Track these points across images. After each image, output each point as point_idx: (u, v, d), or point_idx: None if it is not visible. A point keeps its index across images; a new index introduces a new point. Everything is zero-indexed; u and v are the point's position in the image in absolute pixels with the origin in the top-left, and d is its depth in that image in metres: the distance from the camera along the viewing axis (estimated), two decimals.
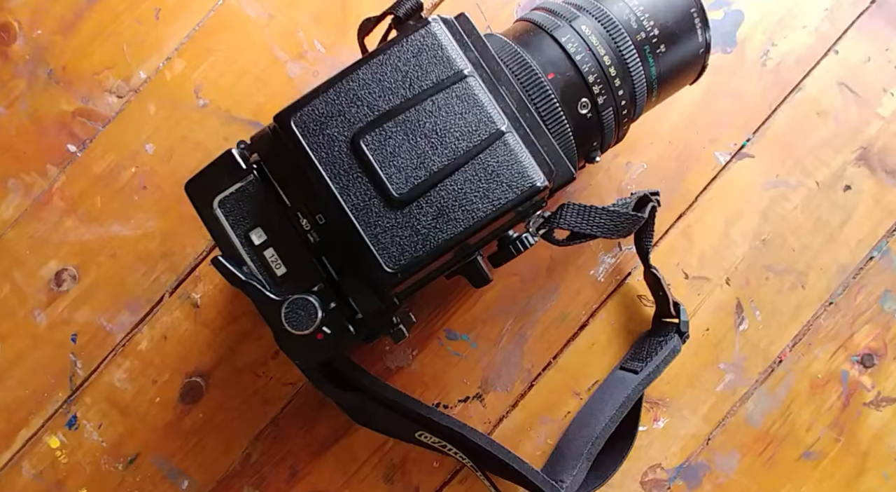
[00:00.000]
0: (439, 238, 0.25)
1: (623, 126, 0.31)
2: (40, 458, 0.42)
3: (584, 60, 0.28)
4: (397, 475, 0.42)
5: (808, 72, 0.42)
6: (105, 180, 0.41)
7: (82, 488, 0.42)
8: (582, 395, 0.43)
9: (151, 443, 0.42)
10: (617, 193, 0.42)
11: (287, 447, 0.42)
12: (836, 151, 0.43)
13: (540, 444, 0.43)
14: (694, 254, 0.43)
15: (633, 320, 0.43)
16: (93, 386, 0.42)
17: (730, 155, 0.43)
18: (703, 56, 0.31)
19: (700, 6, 0.30)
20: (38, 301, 0.41)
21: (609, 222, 0.28)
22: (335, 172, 0.25)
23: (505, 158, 0.25)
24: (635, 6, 0.29)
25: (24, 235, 0.41)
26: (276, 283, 0.27)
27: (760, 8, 0.42)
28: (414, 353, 0.42)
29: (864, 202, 0.43)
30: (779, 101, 0.42)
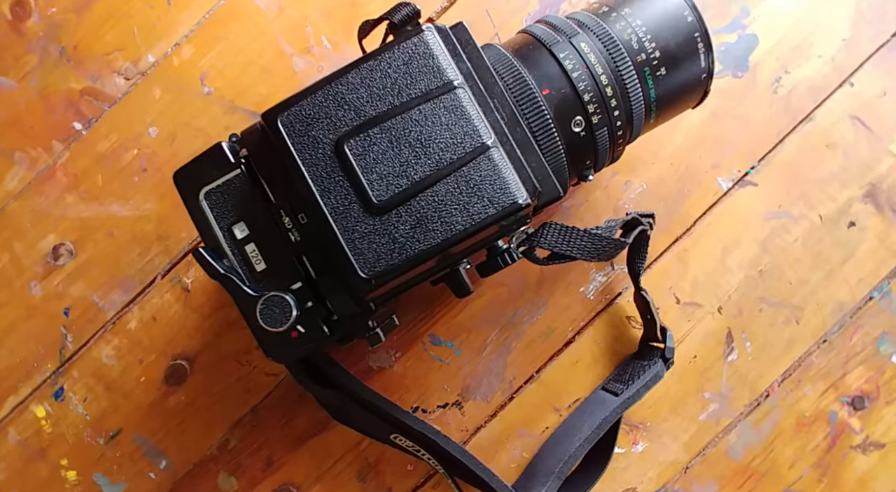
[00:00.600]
0: (416, 248, 0.25)
1: (618, 146, 0.31)
2: (26, 425, 0.43)
3: (581, 78, 0.28)
4: (371, 475, 0.43)
5: (821, 102, 0.41)
6: (107, 160, 0.42)
7: (63, 458, 0.43)
8: (562, 411, 0.42)
9: (133, 420, 0.43)
10: (613, 211, 0.42)
11: (265, 437, 0.43)
12: (843, 185, 0.42)
13: (515, 457, 0.42)
14: (687, 279, 0.42)
15: (620, 341, 0.43)
16: (81, 360, 0.43)
17: (732, 181, 0.42)
18: (705, 82, 0.31)
19: (704, 31, 0.29)
20: (34, 273, 0.42)
21: (590, 245, 0.28)
22: (317, 174, 0.25)
23: (488, 173, 0.25)
24: (638, 27, 0.29)
25: (26, 208, 0.42)
26: (255, 278, 0.28)
27: (776, 34, 0.41)
28: (397, 355, 0.42)
29: (867, 240, 0.42)
30: (787, 130, 0.42)
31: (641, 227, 0.33)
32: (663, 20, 0.29)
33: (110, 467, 0.42)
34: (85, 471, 0.43)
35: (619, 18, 0.29)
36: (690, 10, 0.29)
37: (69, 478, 0.42)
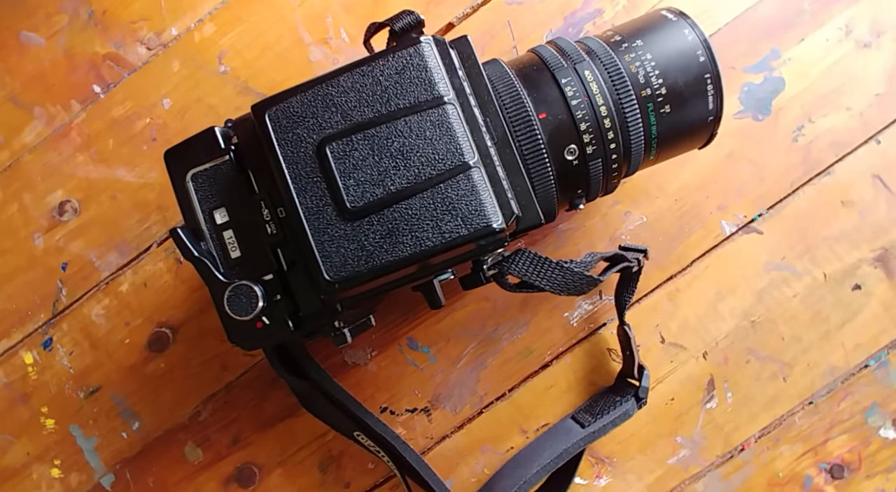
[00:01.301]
0: (383, 259, 0.24)
1: (613, 179, 0.30)
2: (14, 369, 0.44)
3: (580, 106, 0.27)
4: (332, 467, 0.43)
5: (843, 157, 0.40)
6: (120, 126, 0.43)
7: (44, 406, 0.44)
8: (529, 434, 0.42)
9: (113, 380, 0.44)
10: (609, 240, 0.41)
11: (235, 414, 0.44)
12: (854, 246, 0.40)
13: (476, 471, 0.42)
14: (676, 319, 0.41)
15: (598, 372, 0.42)
16: (72, 315, 0.44)
17: (737, 226, 0.40)
18: (711, 125, 0.30)
19: (716, 73, 0.28)
20: (39, 225, 0.44)
21: (560, 279, 0.27)
22: (296, 172, 0.25)
23: (465, 193, 0.24)
24: (647, 60, 0.28)
25: (39, 162, 0.44)
26: (228, 264, 0.28)
27: (805, 80, 0.40)
28: (373, 353, 0.43)
29: (872, 306, 0.40)
30: (803, 180, 0.40)
31: (626, 263, 0.32)
32: (674, 57, 0.28)
33: (86, 421, 0.44)
34: (63, 421, 0.44)
35: (629, 50, 0.28)
36: (704, 50, 0.28)
37: (47, 425, 0.44)
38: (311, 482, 0.43)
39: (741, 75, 0.40)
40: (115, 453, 0.44)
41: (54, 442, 0.44)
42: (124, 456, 0.44)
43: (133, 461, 0.44)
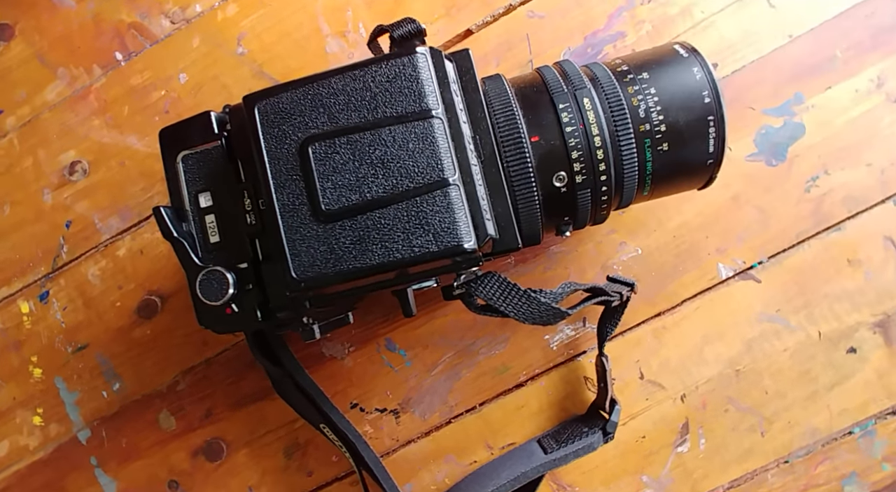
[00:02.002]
0: (350, 264, 0.24)
1: (601, 210, 0.29)
2: (10, 317, 0.46)
3: (574, 134, 0.27)
4: (297, 454, 0.43)
5: (856, 214, 0.38)
6: (137, 94, 0.44)
7: (34, 355, 0.46)
8: (494, 450, 0.42)
9: (101, 340, 0.45)
10: (601, 269, 0.40)
11: (211, 389, 0.44)
12: (855, 307, 0.38)
13: (437, 480, 0.42)
14: (658, 357, 0.40)
15: (571, 399, 0.41)
16: (70, 272, 0.45)
17: (734, 271, 0.39)
18: (710, 168, 0.29)
19: (720, 117, 0.27)
20: (49, 182, 0.45)
21: (526, 307, 0.27)
22: (277, 167, 0.25)
23: (440, 209, 0.24)
24: (650, 95, 0.27)
25: (57, 121, 0.45)
26: (206, 248, 0.28)
27: (827, 129, 0.38)
28: (351, 349, 0.43)
29: (865, 372, 0.38)
30: (810, 233, 0.38)
31: (605, 297, 0.32)
32: (679, 95, 0.27)
33: (71, 375, 0.45)
34: (49, 372, 0.46)
35: (634, 82, 0.27)
36: (710, 91, 0.27)
37: (34, 374, 0.46)
38: (275, 466, 0.43)
39: (759, 117, 0.38)
40: (94, 410, 0.45)
41: (39, 391, 0.46)
42: (102, 414, 0.45)
43: (110, 420, 0.45)
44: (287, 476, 0.43)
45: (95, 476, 0.45)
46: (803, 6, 0.38)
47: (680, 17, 0.39)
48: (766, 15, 0.38)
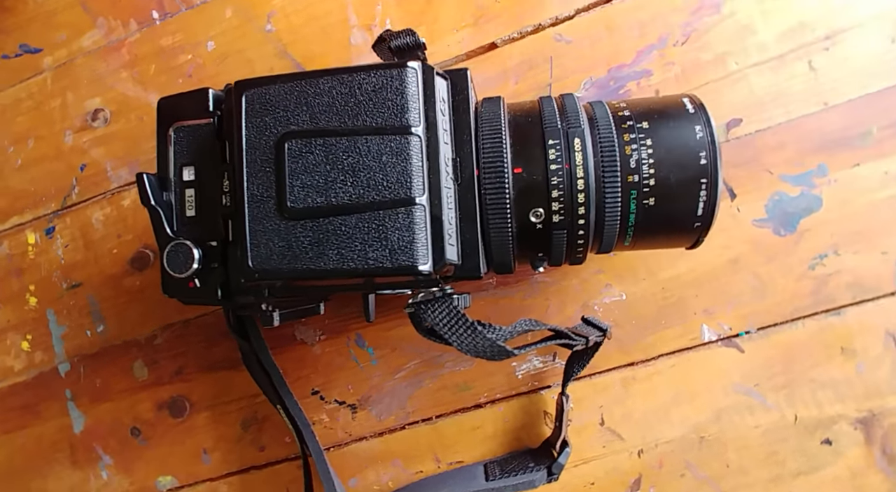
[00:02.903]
0: (304, 265, 0.25)
1: (577, 252, 0.28)
2: (17, 245, 0.48)
3: (557, 173, 0.26)
4: (253, 427, 0.44)
5: (860, 302, 0.36)
6: (165, 55, 0.45)
7: (32, 284, 0.48)
8: (441, 464, 0.42)
9: (94, 282, 0.47)
10: (581, 307, 0.39)
11: (185, 349, 0.46)
12: (840, 399, 0.36)
13: (381, 481, 0.42)
14: (623, 407, 0.39)
15: (527, 431, 0.41)
16: (76, 212, 0.47)
17: (718, 336, 0.38)
18: (697, 231, 0.27)
19: (714, 180, 0.26)
20: (73, 124, 0.47)
21: (470, 340, 0.26)
22: (253, 157, 0.25)
23: (401, 227, 0.24)
24: (645, 146, 0.26)
25: (89, 67, 0.47)
26: (181, 221, 0.29)
27: (845, 208, 0.36)
28: (322, 337, 0.43)
29: (836, 467, 0.36)
30: (806, 312, 0.36)
31: (567, 341, 0.31)
32: (674, 151, 0.26)
33: (62, 310, 0.47)
34: (43, 303, 0.48)
35: (631, 130, 0.26)
36: (708, 153, 0.26)
37: (30, 303, 0.48)
38: (231, 435, 0.45)
39: (776, 182, 0.36)
40: (77, 346, 0.47)
41: (31, 319, 0.48)
42: (83, 352, 0.47)
43: (89, 359, 0.47)
44: (240, 447, 0.44)
45: (68, 409, 0.47)
46: (846, 75, 0.36)
47: (712, 65, 0.37)
48: (805, 77, 0.36)
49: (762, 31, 0.36)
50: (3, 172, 0.49)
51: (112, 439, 0.46)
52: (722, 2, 0.37)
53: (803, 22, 0.36)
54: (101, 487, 0.47)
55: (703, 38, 0.37)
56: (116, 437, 0.46)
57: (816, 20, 0.36)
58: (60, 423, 0.47)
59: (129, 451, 0.46)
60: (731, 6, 0.37)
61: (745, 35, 0.36)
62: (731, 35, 0.37)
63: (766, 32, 0.36)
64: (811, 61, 0.36)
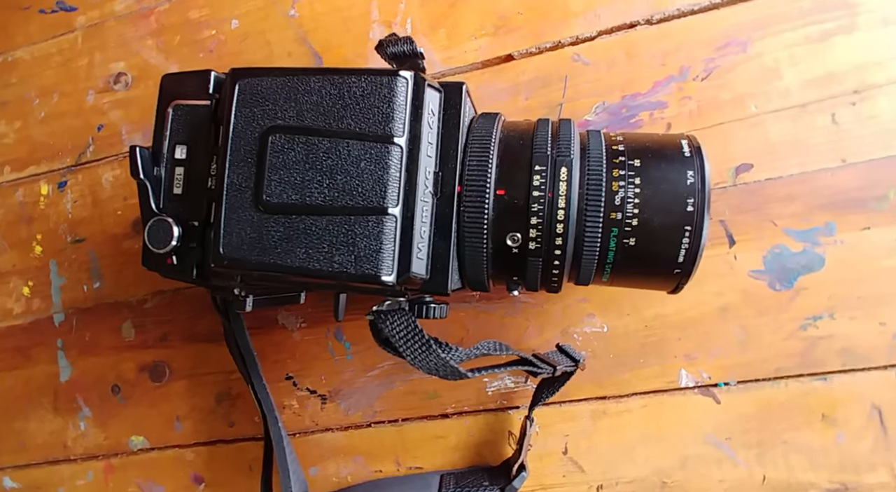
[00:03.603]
0: (270, 259, 0.25)
1: (552, 282, 0.28)
2: (30, 194, 0.50)
3: (539, 200, 0.25)
4: (226, 402, 0.45)
5: (849, 370, 0.34)
6: (190, 27, 0.46)
7: (39, 233, 0.50)
8: (401, 467, 0.42)
9: (96, 240, 0.49)
10: (560, 333, 0.39)
11: (172, 317, 0.47)
12: (813, 466, 0.35)
13: (340, 474, 0.43)
14: (589, 440, 0.38)
15: (489, 448, 0.40)
16: (88, 170, 0.48)
17: (696, 383, 0.37)
18: (677, 277, 0.26)
19: (699, 229, 0.25)
20: (95, 84, 0.48)
21: (423, 356, 0.26)
22: (237, 145, 0.25)
23: (369, 235, 0.24)
24: (633, 185, 0.25)
25: (117, 31, 0.48)
26: (167, 197, 0.29)
27: (848, 271, 0.34)
28: (302, 325, 0.44)
29: None
30: (791, 373, 0.35)
31: (531, 369, 0.30)
32: (662, 194, 0.25)
33: (63, 262, 0.49)
34: (47, 253, 0.49)
35: (622, 166, 0.26)
36: (696, 201, 0.25)
37: (35, 251, 0.50)
38: (204, 406, 0.45)
39: (778, 235, 0.35)
40: (72, 299, 0.49)
41: (35, 266, 0.50)
42: (78, 305, 0.48)
43: (82, 313, 0.48)
44: (211, 419, 0.45)
45: (57, 357, 0.49)
46: (870, 133, 0.34)
47: (730, 105, 0.36)
48: (825, 130, 0.34)
49: (788, 77, 0.35)
50: (26, 122, 0.50)
51: (93, 392, 0.48)
52: (750, 41, 0.35)
53: (833, 73, 0.34)
54: (77, 436, 0.48)
55: (725, 77, 0.36)
56: (98, 391, 0.48)
57: (847, 73, 0.34)
58: (48, 370, 0.49)
59: (108, 407, 0.47)
60: (759, 47, 0.35)
61: (769, 79, 0.35)
62: (755, 77, 0.35)
63: (792, 79, 0.35)
64: (835, 114, 0.34)
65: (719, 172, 0.35)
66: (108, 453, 0.47)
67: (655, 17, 0.36)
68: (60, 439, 0.49)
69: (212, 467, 0.45)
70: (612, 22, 0.37)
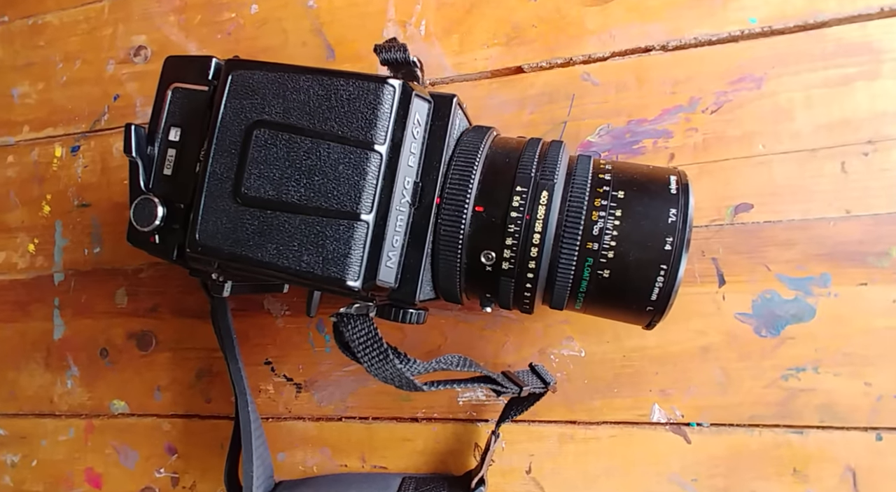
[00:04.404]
0: (242, 251, 0.25)
1: (524, 303, 0.28)
2: (45, 154, 0.51)
3: (516, 222, 0.25)
4: (206, 379, 0.46)
5: (826, 427, 0.33)
6: (212, 8, 0.46)
7: (49, 194, 0.51)
8: (365, 465, 0.42)
9: (101, 206, 0.50)
10: (538, 352, 0.38)
11: (164, 289, 0.48)
12: None
13: (307, 463, 0.43)
14: (554, 462, 0.38)
15: (454, 457, 0.40)
16: (101, 138, 0.50)
17: (668, 420, 0.36)
18: (649, 314, 0.26)
19: (674, 269, 0.24)
20: (117, 55, 0.49)
21: (379, 365, 0.26)
22: (224, 136, 0.25)
23: (339, 238, 0.24)
24: (613, 217, 0.25)
25: (143, 5, 0.48)
26: (157, 178, 0.30)
27: (839, 326, 0.33)
28: (286, 312, 0.44)
29: None
30: (766, 422, 0.34)
31: (495, 388, 0.30)
32: (641, 229, 0.24)
33: (68, 224, 0.50)
34: (54, 214, 0.51)
35: (605, 196, 0.25)
36: (675, 241, 0.24)
37: (44, 210, 0.51)
38: (184, 380, 0.46)
39: (771, 280, 0.34)
40: (73, 261, 0.50)
41: (42, 225, 0.51)
42: (77, 268, 0.50)
43: (81, 276, 0.50)
44: (190, 393, 0.46)
45: (52, 315, 0.50)
46: (879, 186, 0.32)
47: (736, 142, 0.35)
48: (833, 178, 0.33)
49: (800, 119, 0.34)
50: (49, 85, 0.52)
51: (83, 353, 0.49)
52: (766, 78, 0.34)
53: (848, 120, 0.33)
54: (64, 393, 0.50)
55: (736, 112, 0.35)
56: (87, 353, 0.49)
57: (864, 121, 0.33)
58: (43, 326, 0.50)
59: (95, 369, 0.49)
60: (774, 85, 0.34)
61: (780, 119, 0.34)
62: (766, 115, 0.34)
63: (805, 121, 0.34)
64: (845, 163, 0.33)
65: (717, 209, 0.35)
66: (90, 413, 0.49)
67: (671, 43, 0.36)
68: (48, 394, 0.50)
69: (185, 440, 0.46)
70: (626, 44, 0.36)
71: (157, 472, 0.47)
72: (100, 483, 0.48)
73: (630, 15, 0.36)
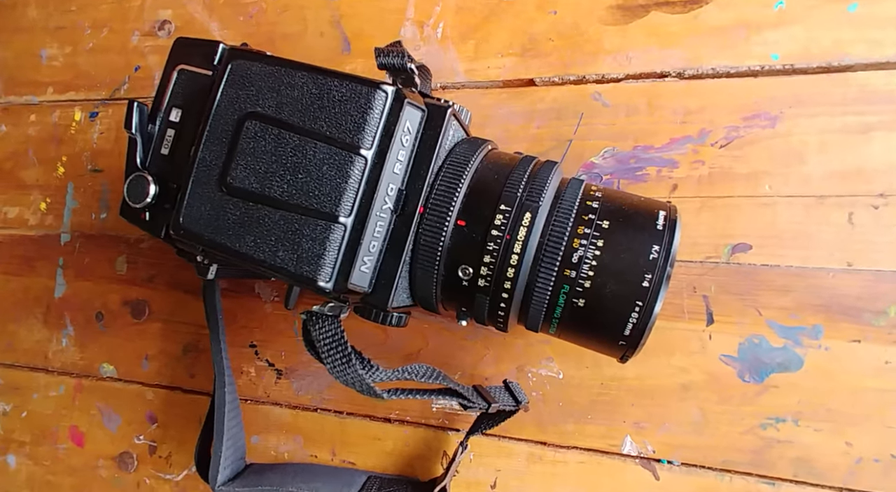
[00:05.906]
0: (221, 239, 0.25)
1: (498, 322, 0.27)
2: (64, 117, 0.53)
3: (496, 240, 0.25)
4: (192, 354, 0.47)
5: (800, 482, 0.32)
6: None
7: (65, 156, 0.52)
8: (335, 458, 0.42)
9: (112, 173, 0.51)
10: (516, 368, 0.38)
11: (162, 261, 0.48)
12: None
13: (279, 449, 0.44)
14: (519, 480, 0.38)
15: (422, 462, 0.40)
16: (119, 107, 0.50)
17: (639, 454, 0.35)
18: (622, 348, 0.25)
19: (649, 307, 0.23)
20: (142, 27, 0.50)
21: (341, 368, 0.26)
22: (216, 124, 0.26)
23: (315, 238, 0.24)
24: (595, 247, 0.24)
25: None
26: (154, 156, 0.30)
27: (826, 382, 0.32)
28: (275, 298, 0.44)
29: None
30: (738, 469, 0.33)
31: (465, 402, 0.30)
32: (621, 262, 0.24)
33: (80, 187, 0.51)
34: (67, 175, 0.52)
35: (589, 224, 0.25)
36: (654, 278, 0.23)
37: (58, 171, 0.52)
38: (171, 353, 0.47)
39: (761, 325, 0.33)
40: (80, 224, 0.51)
41: (55, 186, 0.52)
42: (84, 231, 0.51)
43: (86, 239, 0.51)
44: (176, 366, 0.47)
45: (56, 274, 0.52)
46: (884, 242, 0.31)
47: (743, 180, 0.33)
48: (838, 228, 0.32)
49: (812, 164, 0.32)
50: (76, 49, 0.53)
51: (80, 314, 0.50)
52: (781, 118, 0.33)
53: (862, 170, 0.32)
54: (58, 351, 0.51)
55: (745, 149, 0.34)
56: (83, 314, 0.50)
57: (878, 172, 0.32)
58: (46, 284, 0.52)
59: (89, 331, 0.50)
60: (789, 126, 0.33)
61: (791, 161, 0.33)
62: (777, 156, 0.33)
63: (816, 166, 0.32)
64: (853, 214, 0.32)
65: (715, 246, 0.34)
66: (80, 373, 0.50)
67: (688, 72, 0.35)
68: (43, 350, 0.51)
69: (167, 411, 0.47)
70: (642, 68, 0.35)
71: (136, 438, 0.48)
72: (82, 441, 0.49)
73: (650, 39, 0.35)
